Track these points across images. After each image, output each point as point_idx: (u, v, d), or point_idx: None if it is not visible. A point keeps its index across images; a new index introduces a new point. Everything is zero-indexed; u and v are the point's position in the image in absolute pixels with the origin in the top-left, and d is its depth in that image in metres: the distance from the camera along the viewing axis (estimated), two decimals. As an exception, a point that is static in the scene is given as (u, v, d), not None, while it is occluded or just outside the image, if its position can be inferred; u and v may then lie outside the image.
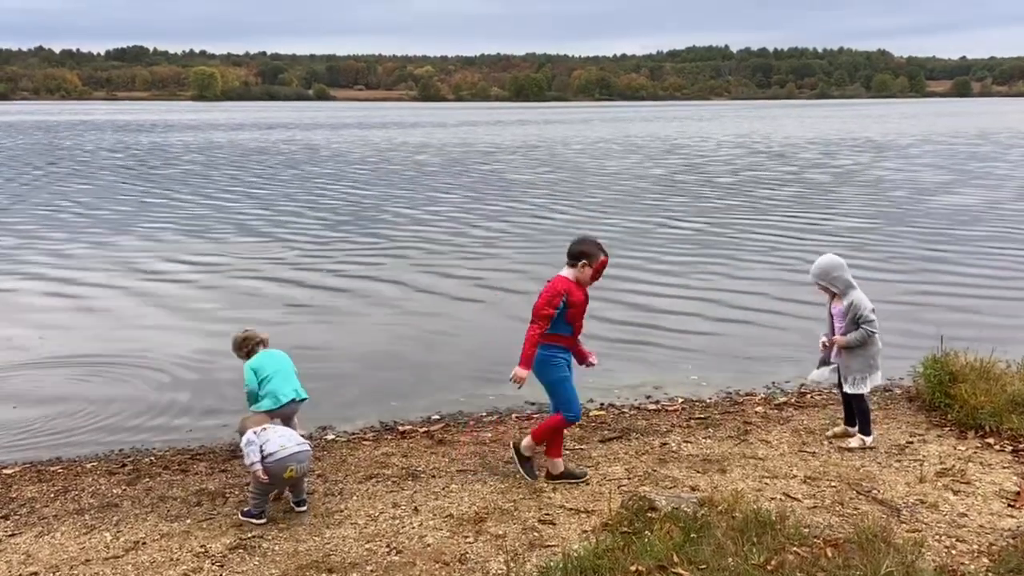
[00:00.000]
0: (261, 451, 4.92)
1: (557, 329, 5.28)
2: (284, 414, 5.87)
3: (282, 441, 4.98)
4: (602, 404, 7.44)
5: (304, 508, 5.16)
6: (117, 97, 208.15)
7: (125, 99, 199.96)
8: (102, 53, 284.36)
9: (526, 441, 5.55)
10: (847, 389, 5.92)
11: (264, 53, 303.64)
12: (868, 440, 5.94)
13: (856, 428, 6.08)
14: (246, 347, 5.93)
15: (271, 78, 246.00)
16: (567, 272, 5.35)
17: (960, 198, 21.78)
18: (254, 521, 4.99)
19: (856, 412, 6.04)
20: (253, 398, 5.70)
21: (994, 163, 32.28)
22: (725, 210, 19.80)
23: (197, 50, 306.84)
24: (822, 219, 18.27)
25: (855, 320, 5.77)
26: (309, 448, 5.16)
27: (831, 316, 6.00)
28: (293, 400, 5.77)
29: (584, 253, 5.29)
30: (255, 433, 5.07)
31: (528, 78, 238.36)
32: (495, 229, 17.06)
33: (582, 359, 5.60)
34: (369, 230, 17.05)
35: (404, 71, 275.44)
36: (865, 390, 5.87)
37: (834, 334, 5.92)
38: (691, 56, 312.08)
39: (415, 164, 33.04)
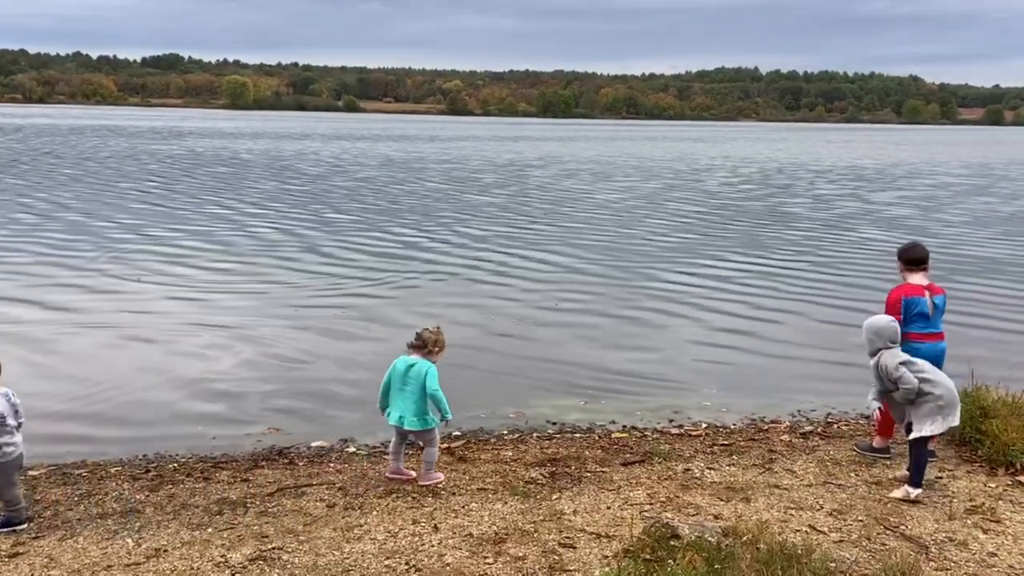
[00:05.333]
0: None
1: None
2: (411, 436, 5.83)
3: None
4: (624, 427, 7.38)
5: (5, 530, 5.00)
6: (151, 103, 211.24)
7: (159, 105, 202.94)
8: (138, 60, 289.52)
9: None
10: (912, 434, 5.60)
11: (296, 64, 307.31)
12: (913, 493, 5.56)
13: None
14: (410, 341, 5.78)
15: (302, 88, 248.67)
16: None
17: (980, 231, 21.49)
18: (16, 528, 4.99)
19: (911, 461, 5.67)
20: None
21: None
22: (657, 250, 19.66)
23: (231, 59, 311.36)
24: (840, 249, 18.11)
25: (891, 381, 5.55)
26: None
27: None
28: (397, 426, 5.70)
29: None
30: None
31: (555, 94, 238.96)
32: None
33: None
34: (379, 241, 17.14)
35: (433, 85, 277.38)
36: (929, 431, 5.50)
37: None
38: (720, 77, 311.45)
39: (375, 179, 33.01)
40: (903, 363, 5.54)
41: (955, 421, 5.57)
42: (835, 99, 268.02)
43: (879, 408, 5.84)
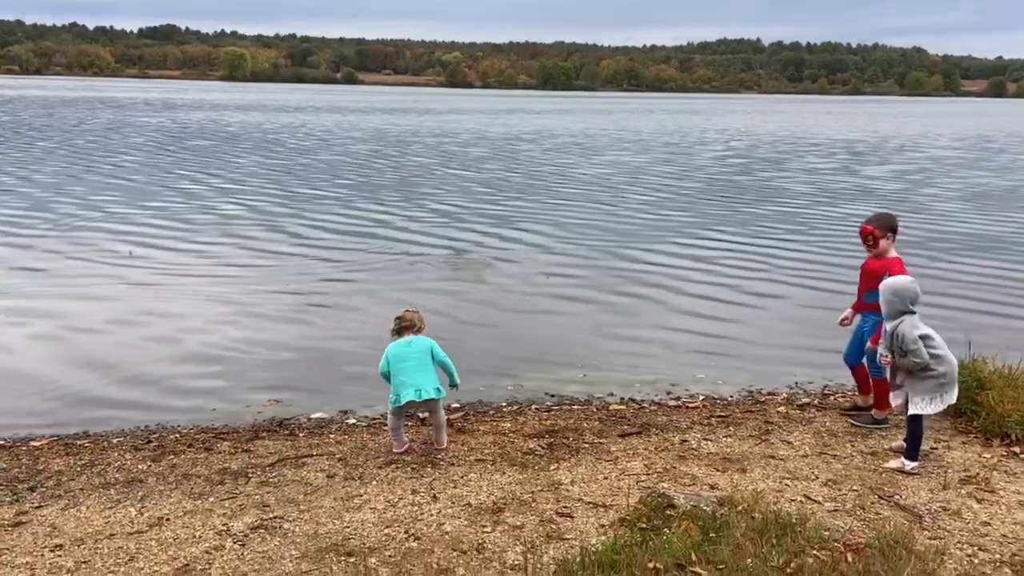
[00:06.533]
0: None
1: None
2: (417, 409, 5.87)
3: None
4: (622, 398, 7.42)
5: None
6: (149, 75, 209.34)
7: (156, 77, 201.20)
8: (135, 31, 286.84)
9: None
10: (910, 410, 5.60)
11: (294, 35, 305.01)
12: (909, 465, 5.57)
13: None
14: (394, 327, 5.84)
15: (300, 60, 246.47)
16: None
17: (975, 205, 21.43)
18: None
19: (907, 434, 5.69)
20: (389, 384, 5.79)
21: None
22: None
23: (228, 30, 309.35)
24: (832, 223, 18.08)
25: (902, 350, 5.50)
26: None
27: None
28: (412, 402, 5.65)
29: None
30: None
31: (556, 66, 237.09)
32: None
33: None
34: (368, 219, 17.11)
35: (432, 56, 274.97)
36: (927, 410, 5.52)
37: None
38: (722, 48, 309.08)
39: (358, 154, 32.87)
40: (922, 336, 5.49)
41: (952, 399, 5.59)
42: (838, 71, 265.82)
43: (884, 355, 5.67)
